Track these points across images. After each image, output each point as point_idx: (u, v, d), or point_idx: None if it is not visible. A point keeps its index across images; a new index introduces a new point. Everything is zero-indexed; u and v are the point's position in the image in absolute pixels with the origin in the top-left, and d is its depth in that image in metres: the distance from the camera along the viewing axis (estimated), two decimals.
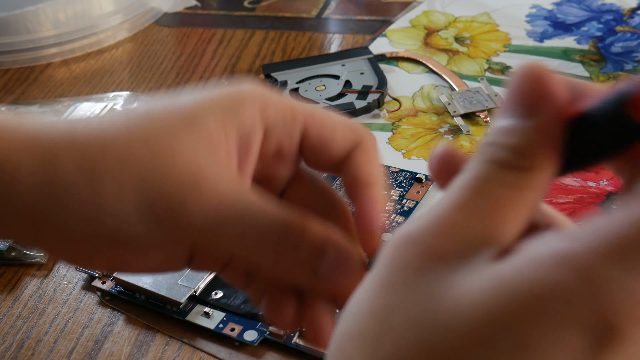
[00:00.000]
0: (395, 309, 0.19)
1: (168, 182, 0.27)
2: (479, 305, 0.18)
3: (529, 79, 0.20)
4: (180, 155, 0.28)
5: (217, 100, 0.29)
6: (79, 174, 0.27)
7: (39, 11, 0.72)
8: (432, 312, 0.18)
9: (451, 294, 0.18)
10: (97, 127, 0.28)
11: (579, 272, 0.17)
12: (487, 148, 0.20)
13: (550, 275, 0.17)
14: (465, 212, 0.20)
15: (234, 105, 0.29)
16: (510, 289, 0.18)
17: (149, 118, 0.29)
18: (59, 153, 0.28)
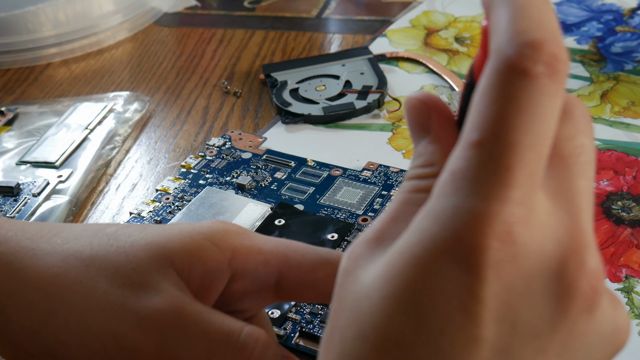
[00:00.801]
0: (335, 313, 0.21)
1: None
2: (379, 285, 0.19)
3: (412, 107, 0.23)
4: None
5: (189, 243, 0.30)
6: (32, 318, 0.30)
7: (39, 11, 0.72)
8: (356, 298, 0.20)
9: (368, 276, 0.20)
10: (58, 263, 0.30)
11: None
12: (408, 174, 0.23)
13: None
14: (384, 216, 0.22)
15: (202, 250, 0.30)
16: (398, 257, 0.19)
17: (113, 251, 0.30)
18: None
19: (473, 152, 0.18)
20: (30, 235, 0.31)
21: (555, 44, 0.18)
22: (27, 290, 0.29)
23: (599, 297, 0.19)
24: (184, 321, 0.28)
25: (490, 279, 0.18)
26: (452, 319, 0.18)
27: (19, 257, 0.30)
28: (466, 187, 0.18)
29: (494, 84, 0.19)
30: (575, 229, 0.19)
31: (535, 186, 0.19)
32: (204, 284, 0.30)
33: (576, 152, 0.20)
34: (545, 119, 0.19)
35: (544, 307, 0.19)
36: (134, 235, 0.30)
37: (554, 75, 0.18)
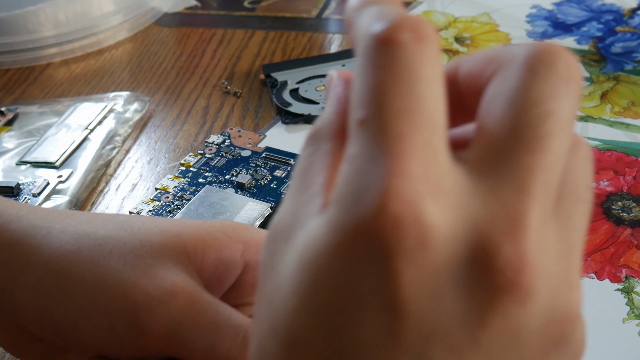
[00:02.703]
0: (257, 303, 0.20)
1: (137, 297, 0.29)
2: (288, 278, 0.18)
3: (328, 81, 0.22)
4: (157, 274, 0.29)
5: (202, 233, 0.30)
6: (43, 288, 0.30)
7: (39, 11, 0.72)
8: (272, 290, 0.19)
9: (280, 265, 0.19)
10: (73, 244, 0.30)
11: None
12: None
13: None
14: (289, 191, 0.21)
15: (215, 240, 0.30)
16: (307, 251, 0.18)
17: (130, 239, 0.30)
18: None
19: (362, 131, 0.18)
20: (42, 216, 0.31)
21: (415, 17, 0.18)
22: (37, 267, 0.30)
23: (521, 291, 0.17)
24: (193, 307, 0.28)
25: (401, 271, 0.16)
26: (359, 317, 0.17)
27: (32, 235, 0.30)
28: (363, 168, 0.17)
29: (365, 61, 0.18)
30: (497, 212, 0.17)
31: (436, 158, 0.17)
32: (217, 274, 0.30)
33: (536, 121, 0.18)
34: (424, 82, 0.18)
35: (455, 302, 0.17)
36: (147, 223, 0.31)
37: (421, 39, 0.18)
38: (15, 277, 0.30)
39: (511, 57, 0.19)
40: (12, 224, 0.31)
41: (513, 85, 0.18)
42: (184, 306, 0.28)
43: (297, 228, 0.19)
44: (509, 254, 0.17)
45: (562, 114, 0.18)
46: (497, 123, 0.18)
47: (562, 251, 0.18)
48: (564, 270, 0.18)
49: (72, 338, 0.29)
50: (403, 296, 0.16)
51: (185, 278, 0.29)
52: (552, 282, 0.18)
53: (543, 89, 0.18)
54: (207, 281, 0.30)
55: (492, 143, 0.18)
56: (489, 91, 0.19)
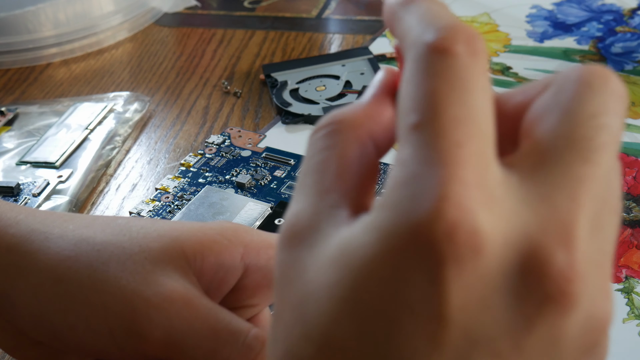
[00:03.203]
0: (280, 306, 0.19)
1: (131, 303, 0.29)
2: (327, 285, 0.18)
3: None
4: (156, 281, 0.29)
5: (201, 236, 0.30)
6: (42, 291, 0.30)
7: (39, 11, 0.72)
8: (301, 296, 0.19)
9: (309, 273, 0.18)
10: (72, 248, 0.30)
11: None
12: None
13: (381, 245, 0.17)
14: (301, 188, 0.20)
15: (215, 244, 0.30)
16: (350, 258, 0.18)
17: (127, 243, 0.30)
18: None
19: (416, 135, 0.17)
20: (41, 220, 0.31)
21: (467, 28, 0.18)
22: (36, 272, 0.29)
23: (569, 301, 0.17)
24: (192, 314, 0.28)
25: (453, 278, 0.16)
26: (405, 323, 0.17)
27: (30, 240, 0.30)
28: (418, 173, 0.17)
29: (418, 67, 0.18)
30: (549, 220, 0.17)
31: (489, 167, 0.17)
32: (216, 277, 0.30)
33: (591, 134, 0.18)
34: (477, 93, 0.18)
35: (503, 310, 0.17)
36: (146, 227, 0.30)
37: (475, 53, 0.18)
38: (14, 282, 0.30)
39: (563, 76, 0.19)
40: (11, 228, 0.31)
41: (569, 98, 0.19)
42: (183, 312, 0.28)
43: (322, 236, 0.19)
44: (561, 263, 0.17)
45: (615, 127, 0.18)
46: (551, 132, 0.18)
47: (599, 260, 0.18)
48: (601, 279, 0.18)
49: (71, 343, 0.29)
50: (451, 304, 0.16)
51: (184, 283, 0.29)
52: (592, 291, 0.18)
53: (599, 103, 0.18)
54: (206, 285, 0.30)
55: (545, 152, 0.18)
56: (539, 103, 0.19)
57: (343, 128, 0.20)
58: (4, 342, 0.32)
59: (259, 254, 0.31)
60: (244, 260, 0.30)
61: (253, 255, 0.31)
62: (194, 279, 0.29)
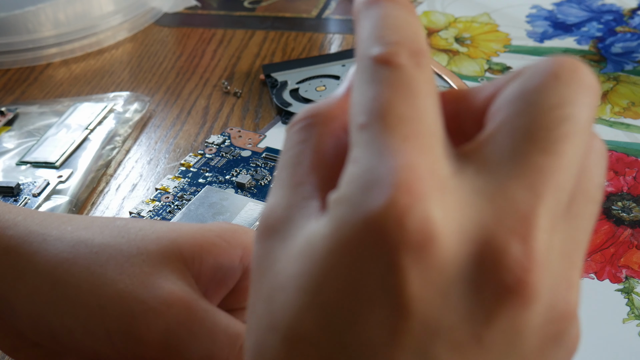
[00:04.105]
0: (253, 298, 0.20)
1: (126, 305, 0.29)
2: (292, 276, 0.18)
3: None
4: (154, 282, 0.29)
5: (199, 238, 0.30)
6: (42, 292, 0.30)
7: (39, 11, 0.72)
8: (271, 287, 0.19)
9: (279, 263, 0.19)
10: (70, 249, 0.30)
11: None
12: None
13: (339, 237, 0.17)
14: (277, 181, 0.20)
15: (213, 246, 0.30)
16: (312, 250, 0.18)
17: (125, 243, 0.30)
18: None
19: (365, 134, 0.18)
20: (39, 221, 0.31)
21: (413, 42, 0.19)
22: (34, 275, 0.29)
23: (527, 291, 0.17)
24: (190, 317, 0.28)
25: (409, 266, 0.16)
26: (365, 314, 0.17)
27: (28, 242, 0.30)
28: (370, 166, 0.17)
29: (364, 75, 0.19)
30: (506, 211, 0.17)
31: (440, 160, 0.18)
32: (215, 279, 0.30)
33: (553, 124, 0.18)
34: (422, 97, 0.18)
35: (462, 301, 0.17)
36: (144, 229, 0.30)
37: (418, 65, 0.19)
38: (12, 284, 0.30)
39: (532, 67, 0.19)
40: (9, 230, 0.31)
41: (533, 86, 0.19)
42: (181, 315, 0.28)
43: (294, 228, 0.19)
44: (517, 253, 0.17)
45: (580, 119, 0.18)
46: (511, 121, 0.18)
47: (566, 249, 0.18)
48: (566, 269, 0.18)
49: (69, 345, 0.29)
50: (409, 293, 0.16)
51: (182, 286, 0.29)
52: (553, 281, 0.18)
53: (564, 94, 0.18)
54: (205, 287, 0.30)
55: (504, 141, 0.18)
56: (505, 93, 0.19)
57: (317, 122, 0.21)
58: (3, 343, 0.32)
59: None
60: (242, 262, 0.30)
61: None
62: (192, 282, 0.29)
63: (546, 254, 0.17)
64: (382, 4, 0.20)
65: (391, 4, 0.20)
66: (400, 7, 0.20)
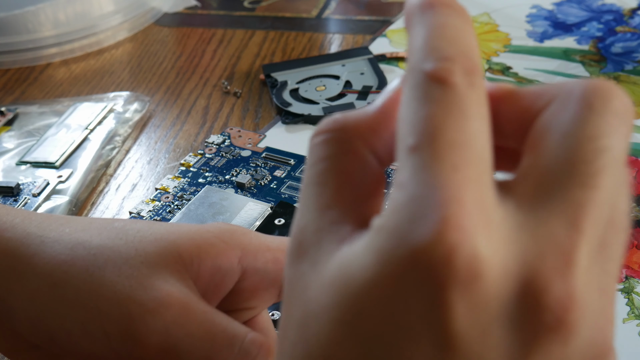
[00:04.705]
0: (285, 323, 0.19)
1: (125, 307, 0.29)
2: (327, 306, 0.18)
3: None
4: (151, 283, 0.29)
5: (198, 240, 0.30)
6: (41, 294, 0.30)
7: (39, 11, 0.72)
8: (304, 314, 0.18)
9: (312, 291, 0.18)
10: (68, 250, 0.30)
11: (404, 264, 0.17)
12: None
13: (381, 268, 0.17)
14: (304, 200, 0.20)
15: (212, 247, 0.30)
16: (349, 280, 0.17)
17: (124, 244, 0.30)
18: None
19: (414, 158, 0.17)
20: (37, 223, 0.31)
21: (468, 59, 0.18)
22: (32, 277, 0.29)
23: (567, 330, 0.17)
24: (189, 318, 0.28)
25: (455, 303, 0.16)
26: (406, 348, 0.16)
27: (26, 244, 0.30)
28: (418, 196, 0.17)
29: (416, 93, 0.18)
30: (547, 247, 0.17)
31: (487, 192, 0.17)
32: (213, 281, 0.30)
33: (590, 157, 0.18)
34: (474, 120, 0.18)
35: (503, 338, 0.17)
36: (142, 230, 0.30)
37: (472, 85, 0.18)
38: (10, 286, 0.30)
39: (566, 91, 0.19)
40: (7, 232, 0.31)
41: (569, 119, 0.18)
42: (179, 317, 0.28)
43: (324, 254, 0.19)
44: (558, 292, 0.17)
45: (616, 150, 0.18)
46: (550, 156, 0.18)
47: (602, 282, 0.18)
48: (603, 303, 0.18)
49: (68, 347, 0.29)
50: (454, 329, 0.16)
51: (181, 288, 0.29)
52: (593, 317, 0.18)
53: (599, 125, 0.18)
54: (203, 289, 0.30)
55: (544, 176, 0.18)
56: (541, 122, 0.19)
57: (344, 137, 0.20)
58: (2, 345, 0.31)
59: (256, 257, 0.31)
60: (241, 263, 0.30)
61: (250, 258, 0.30)
62: (190, 283, 0.29)
63: (586, 291, 0.17)
64: (438, 10, 0.19)
65: (447, 11, 0.19)
66: (457, 15, 0.19)
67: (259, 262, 0.31)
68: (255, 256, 0.30)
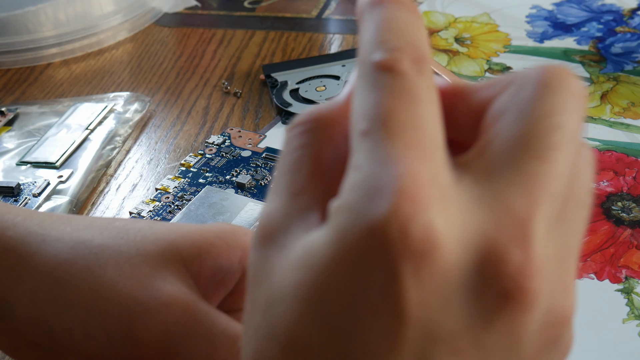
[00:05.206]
0: (250, 307, 0.20)
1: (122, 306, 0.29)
2: (291, 287, 0.18)
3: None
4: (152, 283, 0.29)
5: (198, 239, 0.30)
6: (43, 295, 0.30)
7: (39, 11, 0.72)
8: (269, 297, 0.19)
9: (276, 274, 0.19)
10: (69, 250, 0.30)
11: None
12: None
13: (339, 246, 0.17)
14: (275, 187, 0.20)
15: (213, 247, 0.30)
16: (312, 260, 0.18)
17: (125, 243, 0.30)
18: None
19: (367, 140, 0.18)
20: (38, 222, 0.31)
21: (416, 49, 0.19)
22: (33, 276, 0.29)
23: (526, 297, 0.17)
24: (189, 318, 0.28)
25: (409, 275, 0.16)
26: (366, 322, 0.17)
27: (28, 242, 0.30)
28: (372, 174, 0.17)
29: (366, 81, 0.19)
30: (504, 218, 0.17)
31: (439, 167, 0.18)
32: (214, 281, 0.30)
33: (545, 133, 0.18)
34: (423, 104, 0.18)
35: (462, 307, 0.17)
36: (144, 230, 0.30)
37: (420, 72, 0.19)
38: (11, 285, 0.30)
39: (522, 76, 0.19)
40: (8, 230, 0.31)
41: (525, 98, 0.19)
42: (180, 317, 0.28)
43: (291, 238, 0.19)
44: (517, 260, 0.17)
45: (571, 127, 0.19)
46: (506, 131, 0.19)
47: (560, 254, 0.19)
48: (561, 274, 0.19)
49: (68, 346, 0.30)
50: (408, 301, 0.17)
51: (181, 287, 0.29)
52: (550, 286, 0.18)
53: (555, 102, 0.19)
54: (204, 288, 0.30)
55: (500, 150, 0.19)
56: (497, 105, 0.19)
57: (317, 126, 0.21)
58: (3, 344, 0.32)
59: None
60: (242, 263, 0.30)
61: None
62: (191, 283, 0.29)
63: (544, 260, 0.18)
64: (386, 5, 0.20)
65: (395, 6, 0.20)
66: (404, 9, 0.20)
67: None
68: None
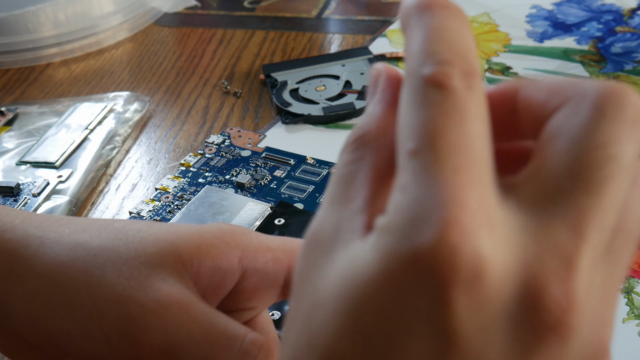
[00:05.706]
0: (292, 314, 0.20)
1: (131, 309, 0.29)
2: (332, 296, 0.18)
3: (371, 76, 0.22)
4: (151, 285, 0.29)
5: (197, 240, 0.30)
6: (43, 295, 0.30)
7: (39, 11, 0.72)
8: (310, 304, 0.19)
9: (321, 280, 0.19)
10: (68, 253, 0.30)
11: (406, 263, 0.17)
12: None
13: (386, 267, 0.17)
14: (328, 197, 0.20)
15: (212, 247, 0.30)
16: (354, 274, 0.18)
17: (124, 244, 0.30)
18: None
19: (415, 161, 0.18)
20: (37, 224, 0.31)
21: (466, 62, 0.19)
22: (32, 278, 0.29)
23: (565, 331, 0.17)
24: (189, 319, 0.28)
25: (458, 301, 0.16)
26: (406, 343, 0.17)
27: (26, 245, 0.30)
28: (419, 198, 0.17)
29: (414, 96, 0.18)
30: (549, 250, 0.17)
31: (488, 192, 0.18)
32: (213, 281, 0.30)
33: (597, 165, 0.18)
34: (473, 122, 0.18)
35: (503, 337, 0.17)
36: (142, 231, 0.30)
37: (470, 88, 0.18)
38: (10, 287, 0.30)
39: (580, 94, 0.19)
40: (7, 233, 0.31)
41: (579, 125, 0.18)
42: (179, 318, 0.28)
43: (339, 244, 0.19)
44: (557, 294, 0.17)
45: (625, 157, 0.18)
46: (556, 160, 0.18)
47: (605, 286, 0.18)
48: (603, 307, 0.18)
49: (67, 347, 0.29)
50: (455, 327, 0.17)
51: (180, 288, 0.29)
52: (590, 319, 0.18)
53: (609, 132, 0.18)
54: (203, 289, 0.30)
55: (549, 180, 0.18)
56: (552, 125, 0.19)
57: (371, 138, 0.21)
58: (2, 346, 0.32)
59: (256, 257, 0.31)
60: (241, 264, 0.30)
61: (251, 258, 0.30)
62: (190, 283, 0.29)
63: (586, 295, 0.17)
64: (435, 11, 0.19)
65: (444, 12, 0.19)
66: (454, 16, 0.19)
67: (259, 263, 0.31)
68: (256, 256, 0.30)
